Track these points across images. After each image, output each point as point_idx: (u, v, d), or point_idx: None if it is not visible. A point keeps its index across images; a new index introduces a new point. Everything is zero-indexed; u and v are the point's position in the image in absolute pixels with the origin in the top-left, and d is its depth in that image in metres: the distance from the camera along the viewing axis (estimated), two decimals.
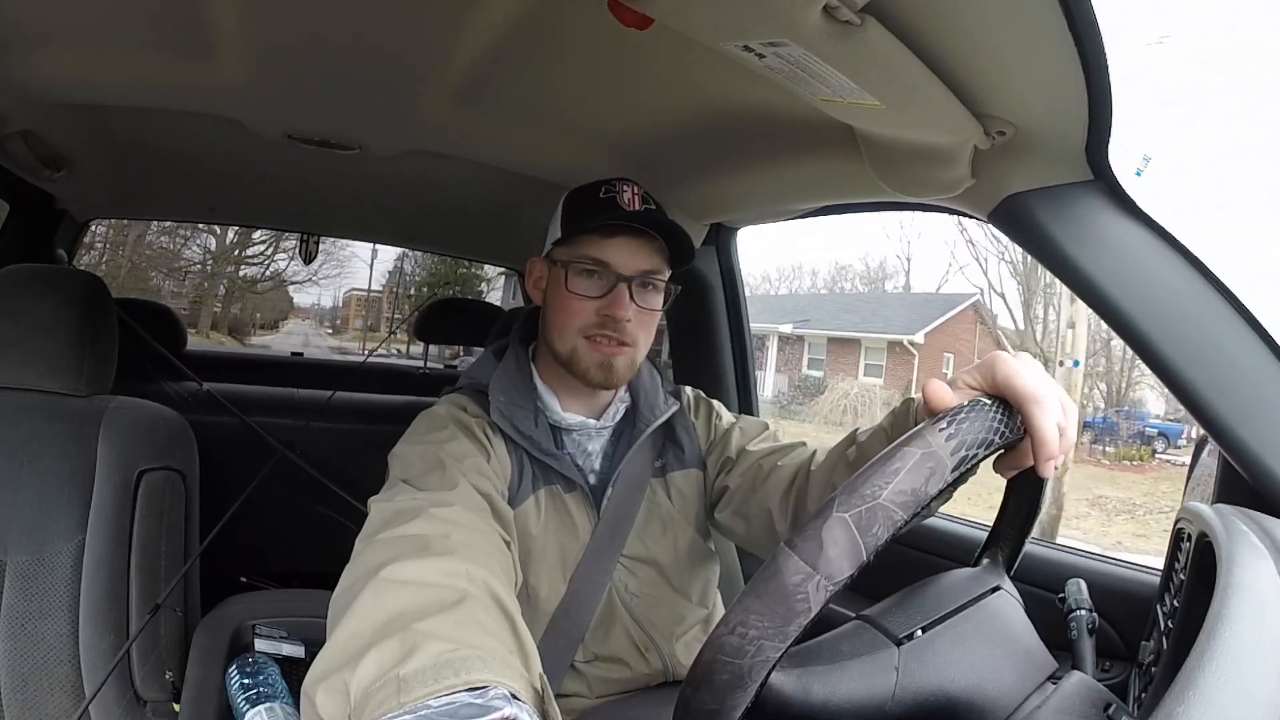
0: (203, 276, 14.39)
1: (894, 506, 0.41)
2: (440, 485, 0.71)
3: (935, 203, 0.89)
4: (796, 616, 0.39)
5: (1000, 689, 0.47)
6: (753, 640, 0.39)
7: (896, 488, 0.41)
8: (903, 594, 0.53)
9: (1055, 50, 0.59)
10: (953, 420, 0.46)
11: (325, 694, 0.43)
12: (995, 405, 0.49)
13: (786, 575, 0.40)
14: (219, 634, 1.03)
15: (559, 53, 0.90)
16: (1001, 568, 0.58)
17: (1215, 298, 0.73)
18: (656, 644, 0.90)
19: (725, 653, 0.40)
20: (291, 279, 15.26)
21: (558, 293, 0.85)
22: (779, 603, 0.39)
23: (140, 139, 1.33)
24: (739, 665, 0.39)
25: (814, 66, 0.62)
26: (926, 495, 0.42)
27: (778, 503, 0.85)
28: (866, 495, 0.41)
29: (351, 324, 17.69)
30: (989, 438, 0.46)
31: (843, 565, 0.40)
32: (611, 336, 0.83)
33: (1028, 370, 0.52)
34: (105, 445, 0.97)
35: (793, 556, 0.40)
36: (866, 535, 0.40)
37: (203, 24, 0.86)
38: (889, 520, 0.40)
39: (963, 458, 0.44)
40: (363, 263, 16.45)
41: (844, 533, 0.40)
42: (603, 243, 0.83)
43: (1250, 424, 0.69)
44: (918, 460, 0.42)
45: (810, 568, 0.40)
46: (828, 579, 0.39)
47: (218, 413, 1.56)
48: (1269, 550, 0.52)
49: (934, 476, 0.42)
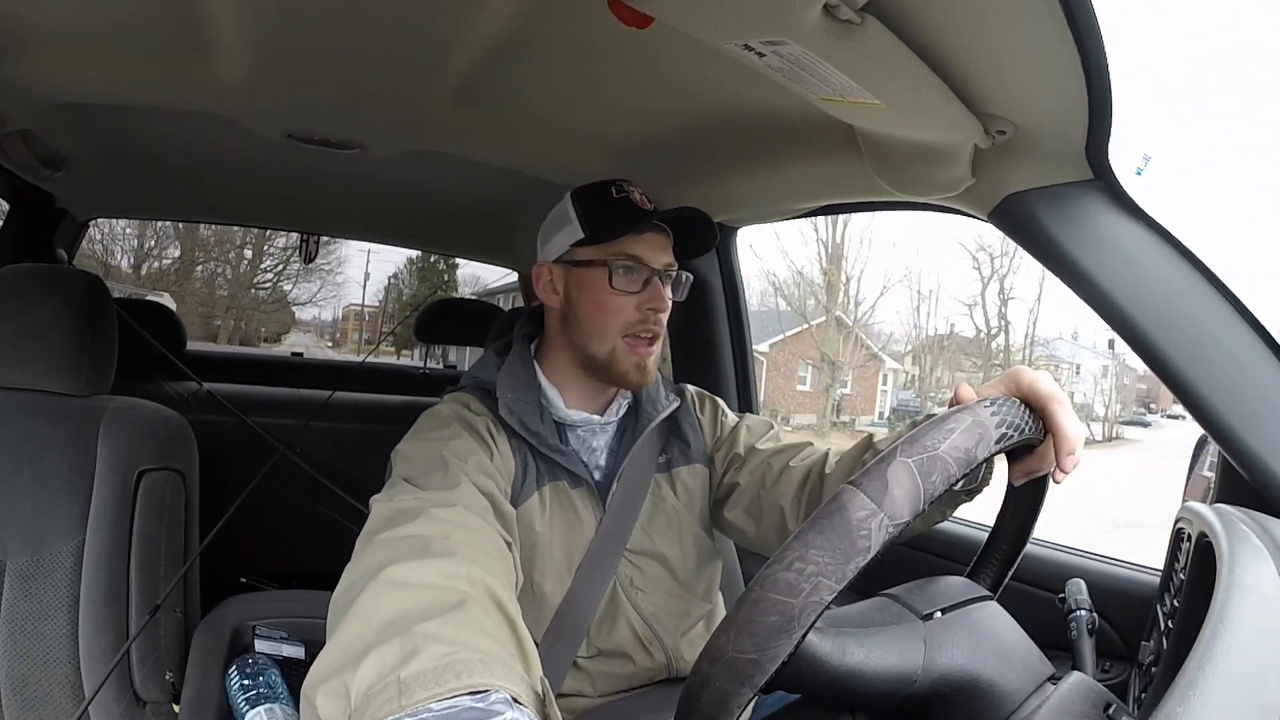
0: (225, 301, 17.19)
1: (950, 460, 0.43)
2: (442, 485, 0.71)
3: (935, 202, 0.89)
4: (857, 554, 0.39)
5: (1019, 674, 0.48)
6: (810, 577, 0.39)
7: (953, 444, 0.44)
8: (914, 584, 0.54)
9: (1055, 50, 0.59)
10: (994, 403, 0.50)
11: (325, 696, 0.43)
12: (1022, 403, 0.53)
13: (852, 511, 0.40)
14: (219, 634, 1.03)
15: (559, 52, 0.90)
16: (985, 592, 0.59)
17: (1215, 298, 0.73)
18: (660, 639, 0.91)
19: (778, 589, 0.39)
20: (295, 302, 18.21)
21: (594, 292, 0.85)
22: (842, 538, 0.39)
23: (140, 139, 1.33)
24: (790, 606, 0.38)
25: (814, 65, 0.62)
26: (976, 458, 0.44)
27: (790, 502, 0.86)
28: (928, 445, 0.43)
29: (350, 337, 19.12)
30: (1022, 425, 0.50)
31: (904, 507, 0.41)
32: (651, 330, 0.86)
33: (1046, 377, 0.57)
34: (105, 445, 0.97)
35: (858, 493, 0.41)
36: (927, 482, 0.42)
37: (202, 23, 0.86)
38: (946, 472, 0.42)
39: (1004, 434, 0.48)
40: (356, 284, 19.07)
41: (908, 476, 0.41)
42: (637, 239, 0.85)
43: (1250, 424, 0.69)
44: (969, 425, 0.46)
45: (875, 505, 0.40)
46: (890, 519, 0.40)
47: (218, 413, 1.56)
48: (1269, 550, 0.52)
49: (982, 442, 0.46)
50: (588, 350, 0.87)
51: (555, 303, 0.89)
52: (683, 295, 0.91)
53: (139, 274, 15.23)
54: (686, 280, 0.91)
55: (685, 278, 0.91)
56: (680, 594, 0.93)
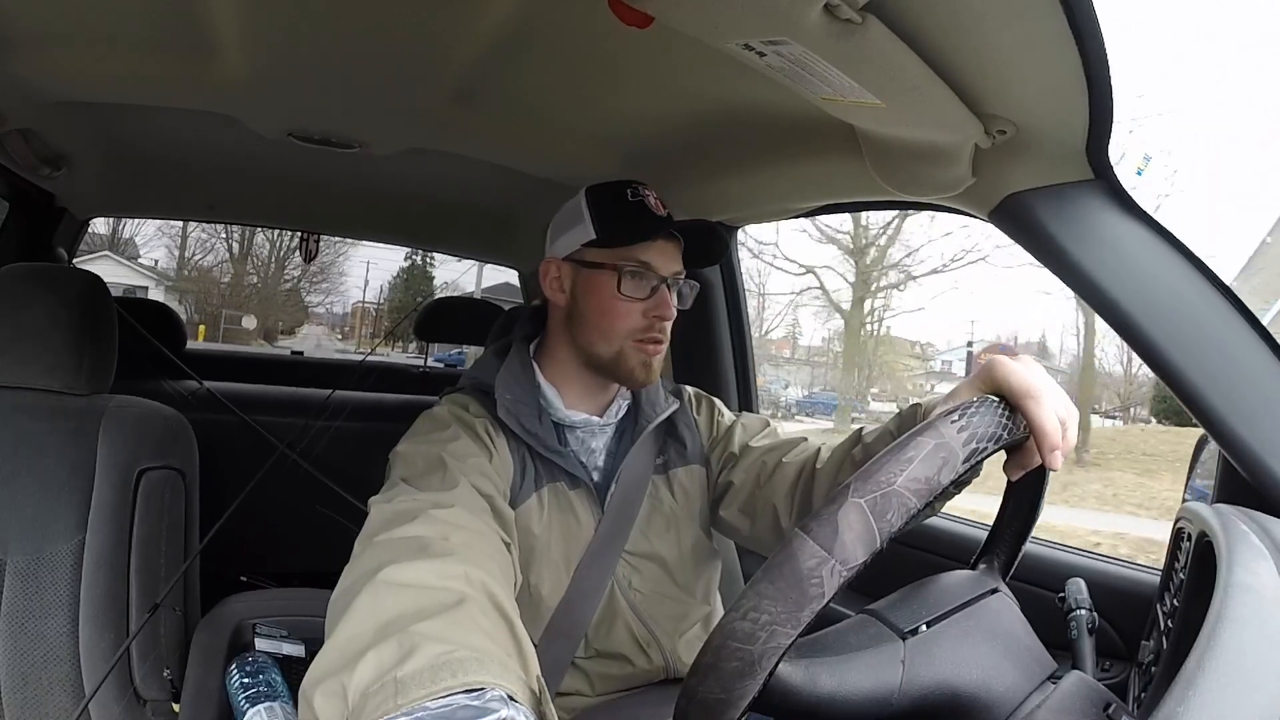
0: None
1: (908, 493, 0.41)
2: (441, 486, 0.71)
3: (935, 202, 0.89)
4: (810, 602, 0.39)
5: (1004, 685, 0.47)
6: (765, 626, 0.39)
7: (911, 475, 0.42)
8: (905, 591, 0.54)
9: (1056, 49, 0.59)
10: (963, 414, 0.46)
11: (323, 696, 0.43)
12: (1001, 403, 0.50)
13: (801, 560, 0.39)
14: (219, 633, 1.03)
15: (560, 51, 0.90)
16: (998, 574, 0.58)
17: (1215, 297, 0.73)
18: (658, 640, 0.90)
19: (736, 638, 0.39)
20: (310, 307, 21.40)
21: (601, 296, 0.85)
22: (792, 587, 0.39)
23: (140, 138, 1.33)
24: (749, 652, 0.39)
25: (815, 65, 0.62)
26: (939, 484, 0.42)
27: (783, 499, 0.86)
28: (882, 481, 0.41)
29: (359, 331, 21.34)
30: (997, 432, 0.48)
31: (857, 551, 0.39)
32: (656, 337, 0.86)
33: (1022, 369, 0.54)
34: (105, 444, 0.97)
35: (808, 541, 0.40)
36: (881, 521, 0.40)
37: (203, 22, 0.86)
38: (903, 507, 0.41)
39: (973, 449, 0.45)
40: (357, 288, 22.03)
41: (859, 518, 0.40)
42: (647, 246, 0.85)
43: (1250, 424, 0.69)
44: (931, 450, 0.43)
45: (825, 552, 0.39)
46: (842, 564, 0.39)
47: (218, 412, 1.56)
48: (1269, 550, 0.52)
49: (946, 466, 0.43)
50: (593, 350, 0.87)
51: (561, 300, 0.89)
52: (689, 304, 0.91)
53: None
54: (693, 289, 0.91)
55: (692, 286, 0.91)
56: (678, 595, 0.93)
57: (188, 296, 17.62)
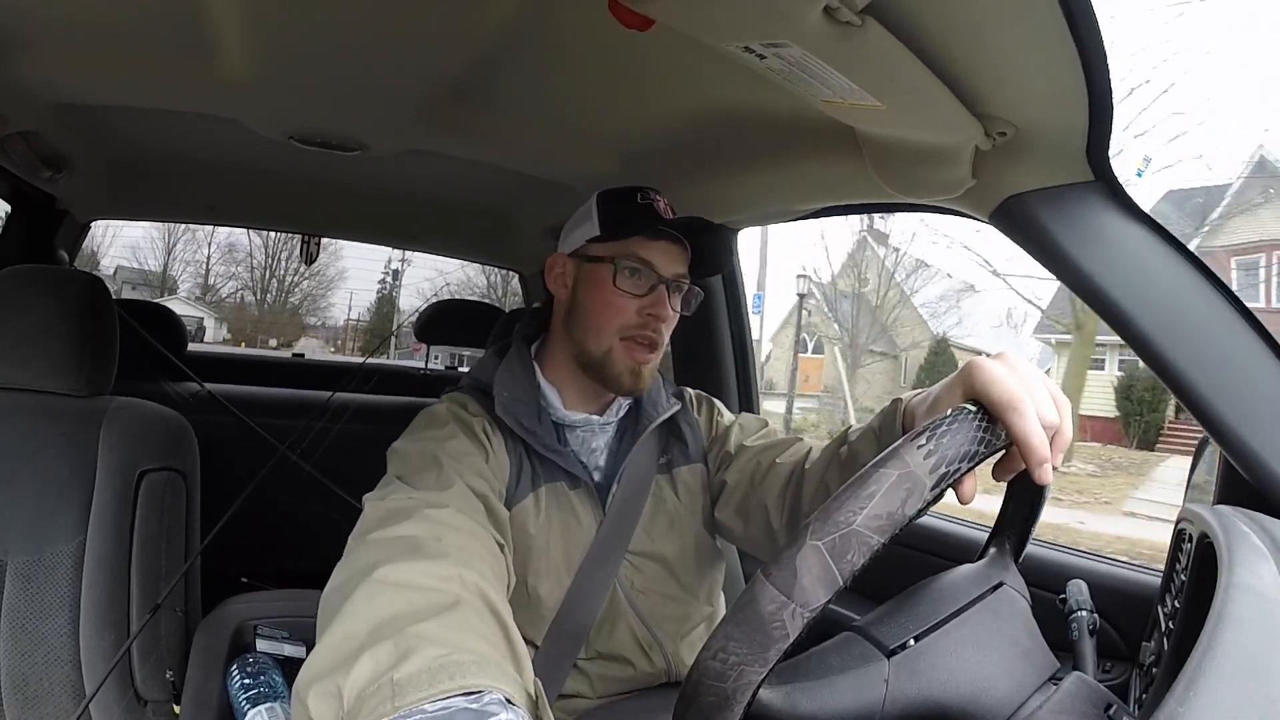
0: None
1: (868, 532, 0.40)
2: (435, 485, 0.71)
3: (936, 203, 0.89)
4: (775, 643, 0.39)
5: (996, 695, 0.47)
6: (734, 666, 0.40)
7: (871, 513, 0.40)
8: (898, 599, 0.53)
9: (1056, 51, 0.59)
10: (933, 435, 0.44)
11: (318, 697, 0.43)
12: (979, 413, 0.47)
13: (762, 604, 0.40)
14: (220, 634, 1.03)
15: (560, 53, 0.90)
16: (1009, 556, 0.58)
17: (1215, 298, 0.73)
18: (660, 643, 0.90)
19: (709, 676, 0.40)
20: (306, 315, 23.09)
21: (598, 289, 0.86)
22: (756, 630, 0.40)
23: (141, 139, 1.33)
24: (722, 688, 0.40)
25: (814, 67, 0.62)
26: (904, 517, 0.41)
27: (774, 501, 0.85)
28: (840, 522, 0.40)
29: (349, 345, 23.02)
30: (971, 449, 0.45)
31: (818, 593, 0.39)
32: (649, 337, 0.85)
33: (1003, 375, 0.49)
34: (106, 446, 0.97)
35: (768, 586, 0.40)
36: (841, 562, 0.40)
37: (203, 24, 0.86)
38: (864, 546, 0.40)
39: (943, 475, 0.42)
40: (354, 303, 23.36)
41: (818, 561, 0.40)
42: (648, 244, 0.85)
43: (1251, 425, 0.69)
44: (894, 482, 0.41)
45: (785, 596, 0.40)
46: (803, 607, 0.39)
47: (219, 413, 1.56)
48: (1270, 551, 0.52)
49: (911, 498, 0.41)
50: (585, 347, 0.87)
51: (563, 295, 0.90)
52: (691, 310, 0.91)
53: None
54: (697, 296, 0.91)
55: (696, 293, 0.91)
56: (681, 596, 0.92)
57: (224, 322, 21.67)
